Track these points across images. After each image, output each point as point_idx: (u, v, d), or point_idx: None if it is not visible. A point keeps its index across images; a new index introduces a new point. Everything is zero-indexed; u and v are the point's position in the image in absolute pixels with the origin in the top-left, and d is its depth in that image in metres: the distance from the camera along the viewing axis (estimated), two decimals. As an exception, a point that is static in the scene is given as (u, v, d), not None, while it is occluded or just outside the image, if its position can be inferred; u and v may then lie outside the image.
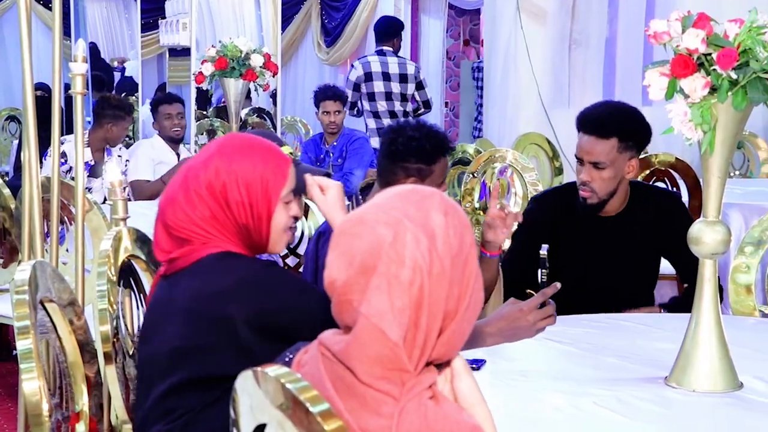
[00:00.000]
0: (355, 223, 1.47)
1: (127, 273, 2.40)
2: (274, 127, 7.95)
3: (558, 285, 2.22)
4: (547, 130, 6.74)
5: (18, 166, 6.57)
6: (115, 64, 11.29)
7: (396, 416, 1.41)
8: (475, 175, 5.26)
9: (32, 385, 1.82)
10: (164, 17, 8.24)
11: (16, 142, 8.29)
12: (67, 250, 3.78)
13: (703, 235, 2.20)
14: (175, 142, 6.02)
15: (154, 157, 5.87)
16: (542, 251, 2.41)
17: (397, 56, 7.23)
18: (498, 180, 5.12)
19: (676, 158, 4.89)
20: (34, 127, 2.78)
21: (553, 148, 6.34)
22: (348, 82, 7.17)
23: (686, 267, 3.01)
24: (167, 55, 8.67)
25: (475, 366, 2.29)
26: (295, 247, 3.98)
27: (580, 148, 3.08)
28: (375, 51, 7.27)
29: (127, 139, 7.71)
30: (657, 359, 2.39)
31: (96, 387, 2.17)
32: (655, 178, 4.80)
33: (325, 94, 6.29)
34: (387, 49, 7.18)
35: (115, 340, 2.26)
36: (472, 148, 6.19)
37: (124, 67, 11.08)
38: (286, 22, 10.31)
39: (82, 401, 2.13)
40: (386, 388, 1.42)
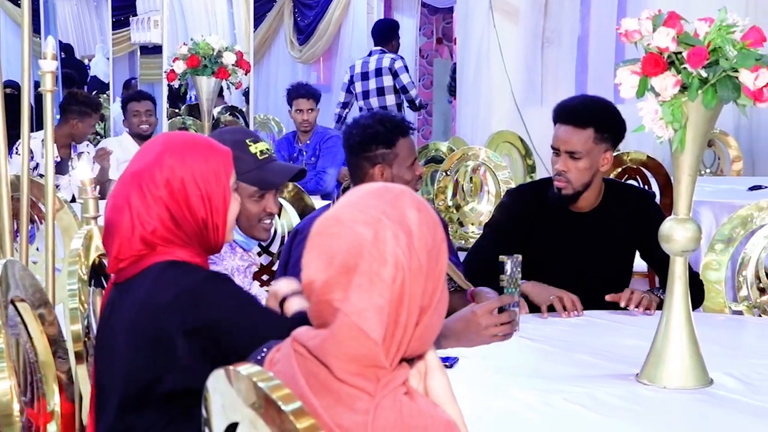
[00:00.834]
0: (332, 223, 1.46)
1: (98, 272, 2.38)
2: (247, 125, 7.92)
3: (526, 309, 2.16)
4: (519, 128, 6.76)
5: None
6: (86, 62, 11.19)
7: (371, 412, 1.41)
8: (448, 173, 5.27)
9: (3, 385, 1.80)
10: (135, 14, 8.20)
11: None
12: (38, 249, 3.75)
13: (674, 233, 2.22)
14: (144, 138, 6.00)
15: (119, 157, 5.82)
16: (501, 257, 2.31)
17: (387, 53, 7.40)
18: None
19: (648, 156, 4.92)
20: (3, 125, 2.75)
21: (525, 146, 6.36)
22: (342, 85, 7.62)
23: (662, 265, 3.03)
24: (138, 53, 8.62)
25: (448, 363, 2.29)
26: (269, 245, 3.97)
27: (557, 138, 3.09)
28: (370, 51, 7.56)
29: (97, 137, 7.65)
30: (628, 356, 2.41)
31: (68, 386, 2.15)
32: (626, 176, 4.83)
33: (298, 92, 6.28)
34: (383, 49, 7.43)
35: (87, 339, 2.24)
36: (445, 146, 6.20)
37: (89, 65, 10.98)
38: (259, 19, 10.29)
39: (54, 401, 2.12)
40: (361, 385, 1.42)
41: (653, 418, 2.10)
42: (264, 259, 4.00)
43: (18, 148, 4.99)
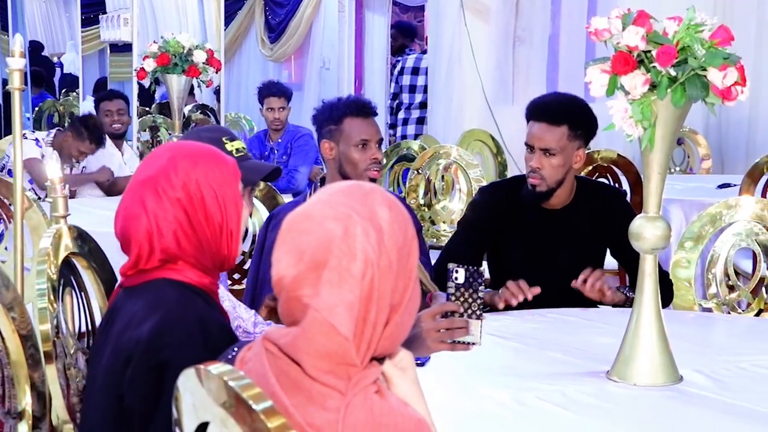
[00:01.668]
0: (302, 219, 1.46)
1: (67, 271, 2.36)
2: (218, 123, 7.89)
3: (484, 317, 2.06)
4: (491, 127, 6.77)
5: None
6: (56, 59, 11.12)
7: (342, 410, 1.41)
8: (420, 171, 5.27)
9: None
10: (105, 12, 8.14)
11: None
12: (6, 249, 3.72)
13: (644, 231, 2.23)
14: (117, 138, 5.97)
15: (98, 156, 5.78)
16: (451, 264, 2.08)
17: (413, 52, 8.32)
18: None
19: (618, 154, 4.95)
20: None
21: (497, 145, 6.37)
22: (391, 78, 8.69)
23: (632, 263, 3.04)
24: (108, 51, 8.57)
25: (419, 362, 2.29)
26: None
27: (531, 135, 3.10)
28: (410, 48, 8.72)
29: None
30: (599, 354, 2.42)
31: (40, 386, 2.13)
32: (597, 174, 4.85)
33: (270, 91, 6.26)
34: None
35: (56, 339, 2.22)
36: (417, 144, 6.20)
37: (62, 63, 10.90)
38: (230, 18, 10.24)
39: (25, 401, 2.10)
40: (332, 383, 1.42)
41: (624, 415, 2.11)
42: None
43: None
